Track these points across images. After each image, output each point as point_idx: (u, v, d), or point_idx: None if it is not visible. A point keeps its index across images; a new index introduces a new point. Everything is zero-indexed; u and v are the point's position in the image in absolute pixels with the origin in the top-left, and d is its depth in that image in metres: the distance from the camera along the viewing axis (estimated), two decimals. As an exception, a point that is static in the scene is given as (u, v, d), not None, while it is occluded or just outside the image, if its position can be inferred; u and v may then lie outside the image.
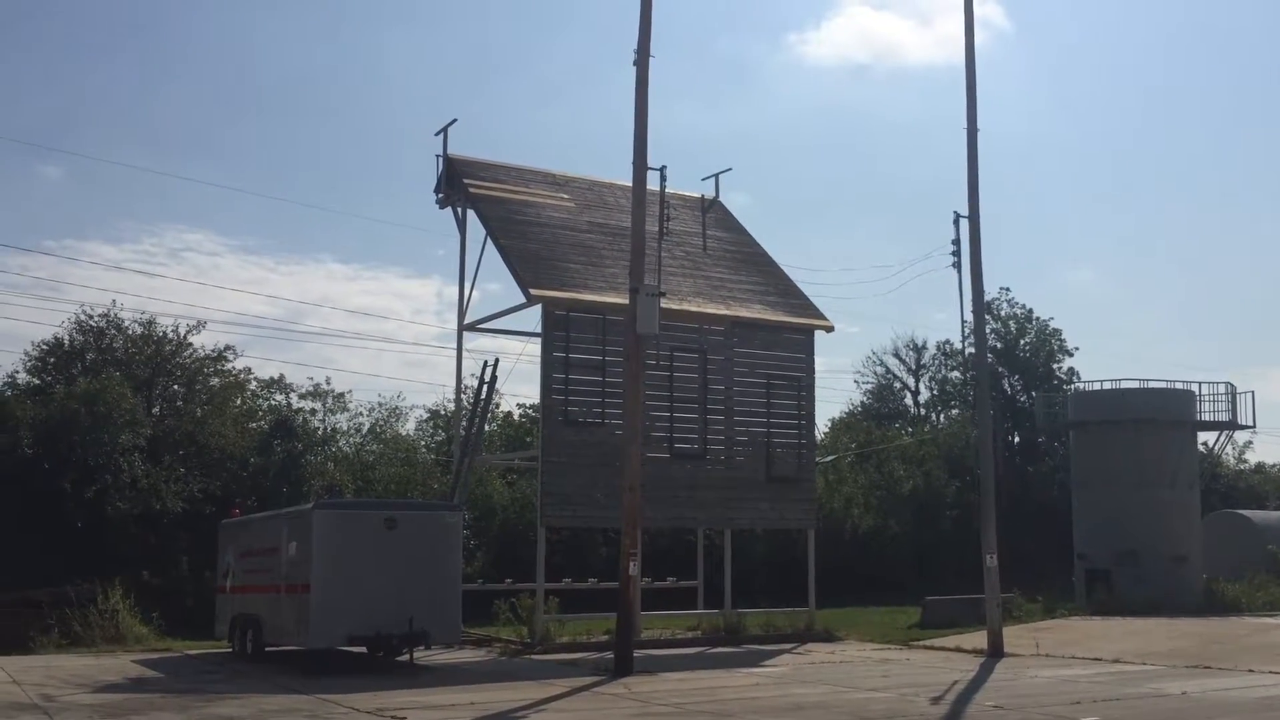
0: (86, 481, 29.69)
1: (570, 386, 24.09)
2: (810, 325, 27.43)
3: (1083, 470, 35.82)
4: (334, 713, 14.76)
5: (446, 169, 27.10)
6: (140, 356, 34.55)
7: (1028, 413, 51.23)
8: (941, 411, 59.70)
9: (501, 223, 25.71)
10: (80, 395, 30.19)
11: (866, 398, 61.02)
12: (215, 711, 14.84)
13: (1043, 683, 17.85)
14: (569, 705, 15.73)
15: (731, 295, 27.02)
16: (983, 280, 23.49)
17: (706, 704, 15.51)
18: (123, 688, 17.49)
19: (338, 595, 19.02)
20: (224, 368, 36.26)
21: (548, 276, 24.51)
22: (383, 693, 16.48)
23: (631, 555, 19.60)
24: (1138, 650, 22.20)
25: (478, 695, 16.37)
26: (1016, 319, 56.08)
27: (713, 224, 29.33)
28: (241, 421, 35.42)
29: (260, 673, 19.39)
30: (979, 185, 23.62)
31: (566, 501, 23.96)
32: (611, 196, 28.38)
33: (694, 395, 25.54)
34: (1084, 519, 35.27)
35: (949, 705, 15.46)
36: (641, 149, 20.65)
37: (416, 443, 42.00)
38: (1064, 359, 55.78)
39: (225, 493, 31.84)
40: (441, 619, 19.86)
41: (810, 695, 16.43)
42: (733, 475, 25.82)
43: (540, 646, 22.88)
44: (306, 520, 19.69)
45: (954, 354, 59.43)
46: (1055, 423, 40.51)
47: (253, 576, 21.89)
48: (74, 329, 34.41)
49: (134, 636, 24.00)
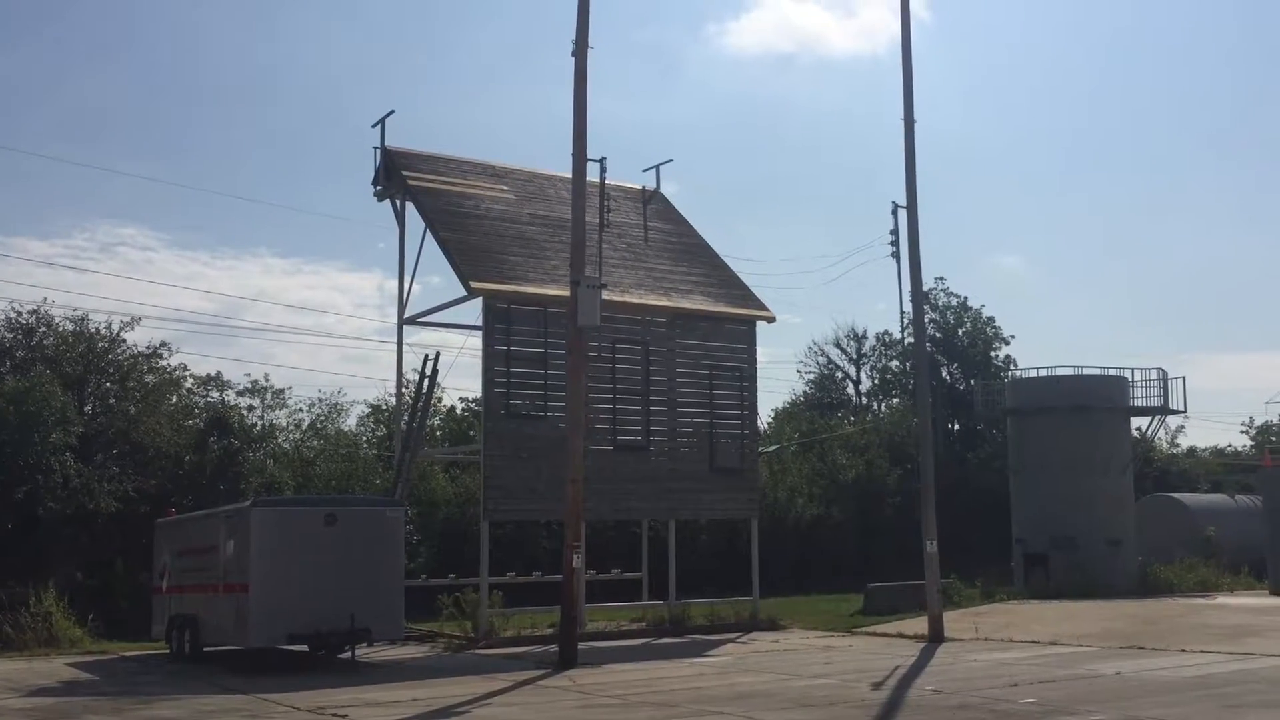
0: (16, 482, 28.96)
1: (512, 379, 23.96)
2: (752, 316, 27.54)
3: (1019, 456, 36.41)
4: (274, 712, 14.58)
5: (384, 161, 26.78)
6: (71, 354, 33.72)
7: (967, 401, 51.89)
8: (883, 400, 60.30)
9: (441, 215, 25.49)
10: (8, 394, 29.42)
11: (809, 388, 61.48)
12: (152, 714, 14.60)
13: (981, 666, 18.12)
14: (513, 699, 15.67)
15: (673, 287, 27.04)
16: (921, 270, 23.80)
17: (651, 695, 15.53)
18: (56, 691, 17.14)
19: (277, 593, 18.78)
20: (158, 365, 35.54)
21: (488, 269, 24.35)
22: (324, 691, 16.31)
23: (575, 548, 19.57)
24: (1073, 632, 22.61)
25: (421, 691, 16.26)
26: (953, 309, 56.73)
27: (653, 215, 29.31)
28: (177, 419, 34.74)
29: (198, 673, 19.10)
30: (916, 177, 23.89)
31: (509, 495, 23.85)
32: (551, 188, 28.25)
33: (637, 387, 25.53)
34: (1021, 505, 35.86)
35: (890, 690, 15.62)
36: (581, 140, 20.58)
37: (358, 438, 41.54)
38: (1001, 347, 56.60)
39: (160, 492, 31.22)
40: (383, 615, 19.69)
41: (754, 684, 16.52)
42: (676, 467, 25.86)
43: (484, 641, 22.78)
44: (244, 518, 19.42)
45: (894, 344, 60.03)
46: (993, 410, 41.11)
47: (190, 576, 21.56)
48: (2, 326, 33.55)
49: (68, 639, 23.52)
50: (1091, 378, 35.69)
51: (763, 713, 13.67)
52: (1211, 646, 19.81)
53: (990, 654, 19.80)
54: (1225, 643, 20.33)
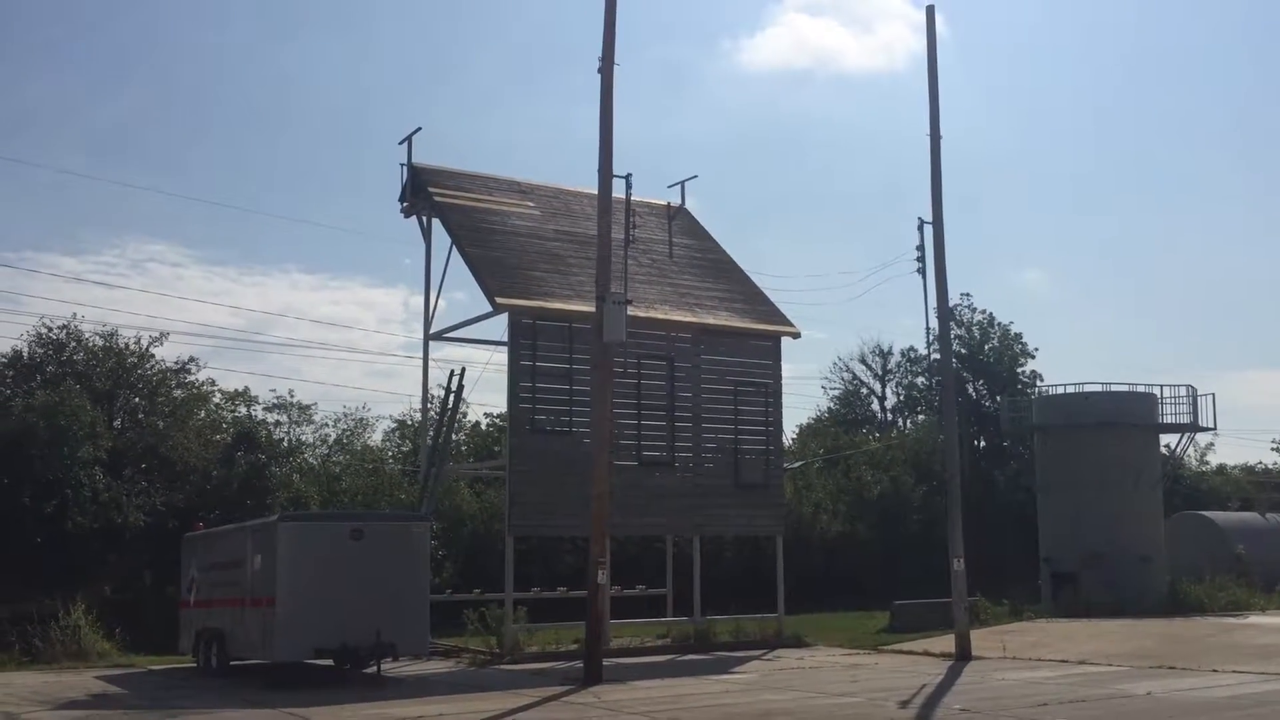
0: (46, 496, 29.23)
1: (537, 395, 24.01)
2: (777, 332, 27.50)
3: (1047, 474, 36.13)
4: (300, 727, 14.61)
5: (411, 178, 26.96)
6: (101, 369, 34.07)
7: (993, 417, 51.58)
8: (908, 416, 60.09)
9: (467, 231, 25.61)
10: (39, 408, 29.72)
11: (834, 404, 61.34)
12: (179, 727, 14.65)
13: (1010, 685, 17.95)
14: (539, 715, 15.65)
15: (698, 302, 27.05)
16: (947, 286, 23.70)
17: (677, 712, 15.48)
18: (85, 704, 17.25)
19: (304, 608, 18.83)
20: (187, 380, 35.86)
21: (514, 285, 24.43)
22: (350, 705, 16.34)
23: (600, 564, 19.55)
24: (1103, 651, 22.38)
25: (446, 706, 16.26)
26: (979, 324, 56.47)
27: (678, 231, 29.35)
28: (205, 434, 35.01)
29: (225, 687, 19.17)
30: (943, 192, 23.79)
31: (534, 510, 23.87)
32: (577, 204, 28.35)
33: (662, 403, 25.53)
34: (1049, 522, 35.57)
35: (917, 709, 15.50)
36: (607, 156, 20.64)
37: (383, 453, 41.73)
38: (1027, 362, 56.28)
39: (188, 506, 31.43)
40: (409, 630, 19.70)
41: (779, 701, 16.43)
42: (701, 482, 25.81)
43: (509, 656, 22.76)
44: (272, 532, 19.49)
45: (919, 360, 59.83)
46: (1020, 427, 40.84)
47: (217, 590, 21.65)
48: (33, 341, 33.91)
49: (96, 652, 23.66)
50: (1120, 394, 35.43)
51: (790, 731, 13.60)
52: (1243, 666, 19.57)
53: (1019, 673, 19.62)
54: (1257, 662, 20.08)
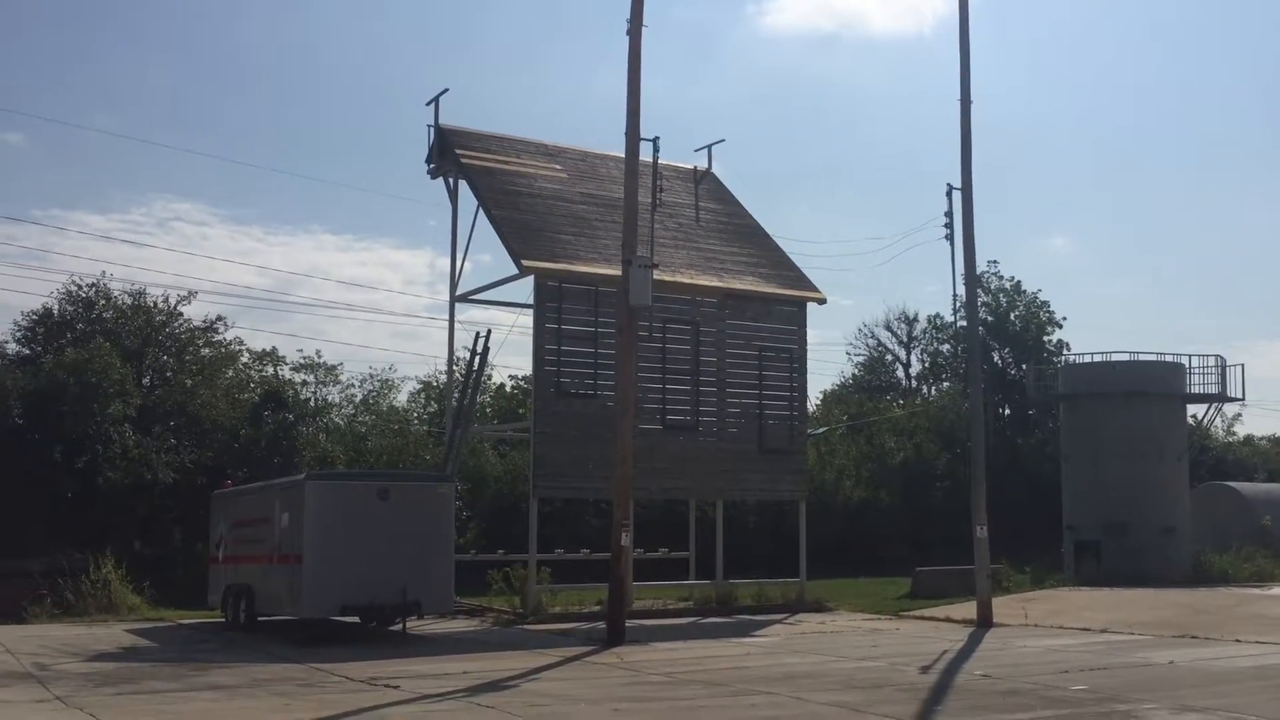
0: (77, 452, 29.62)
1: (562, 358, 24.09)
2: (803, 297, 27.43)
3: (1072, 443, 35.99)
4: (327, 681, 14.82)
5: (438, 139, 26.96)
6: (130, 327, 34.36)
7: (1018, 385, 51.35)
8: (933, 384, 59.85)
9: (493, 193, 25.61)
10: (69, 365, 30.05)
11: (858, 370, 61.22)
12: (208, 680, 14.89)
13: (1031, 652, 17.99)
14: (562, 674, 15.81)
15: (724, 267, 26.99)
16: (975, 253, 23.55)
17: (698, 673, 15.60)
18: (116, 656, 17.55)
19: (331, 565, 19.07)
20: (214, 339, 36.14)
21: (540, 247, 24.44)
22: (376, 661, 16.56)
23: (624, 526, 19.66)
24: (1125, 620, 22.38)
25: (471, 664, 16.45)
26: (1006, 292, 56.04)
27: (705, 196, 29.26)
28: (232, 393, 35.30)
29: (253, 642, 19.46)
30: (972, 158, 23.59)
31: (558, 473, 24.01)
32: (604, 167, 28.28)
33: (686, 367, 25.56)
34: (1073, 491, 35.47)
35: (938, 674, 15.56)
36: (635, 119, 20.54)
37: (408, 414, 41.99)
38: (1054, 331, 55.90)
39: (216, 464, 31.78)
40: (434, 589, 19.94)
41: (801, 665, 16.54)
42: (725, 447, 25.88)
43: (533, 617, 22.99)
44: (299, 491, 19.71)
45: (945, 327, 59.52)
46: (1045, 395, 40.66)
47: (245, 547, 21.94)
48: (63, 299, 34.21)
49: (126, 606, 24.06)
50: (1147, 364, 35.18)
51: (810, 693, 13.69)
52: (1267, 637, 19.52)
53: (1040, 640, 19.66)
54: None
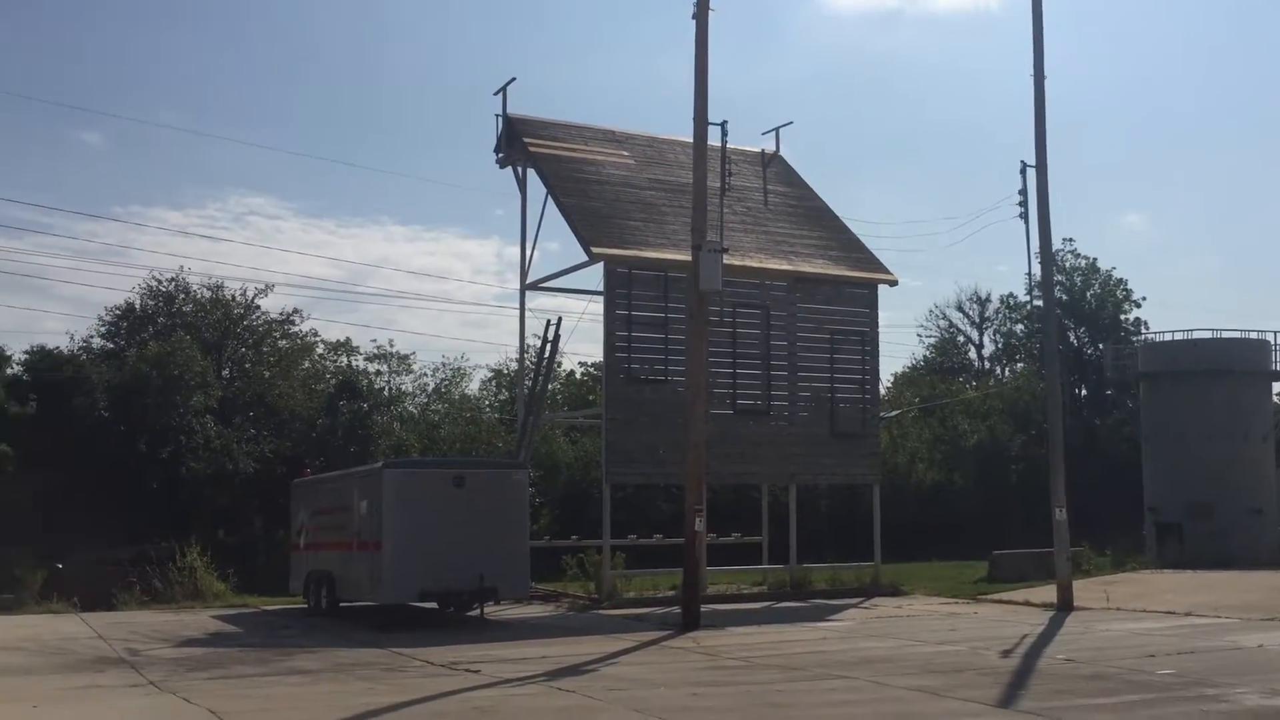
0: (161, 443, 30.41)
1: (633, 344, 24.12)
2: (873, 279, 27.17)
3: (1153, 423, 35.27)
4: (409, 666, 15.05)
5: (506, 128, 27.07)
6: (209, 320, 35.18)
7: (1094, 365, 50.45)
8: (1006, 365, 59.01)
9: (562, 181, 25.69)
10: (151, 358, 30.84)
11: (929, 352, 60.52)
12: (293, 665, 15.21)
13: (1114, 636, 17.69)
14: (639, 659, 15.88)
15: (794, 250, 26.82)
16: (1050, 230, 23.12)
17: (774, 658, 15.58)
18: (204, 642, 17.99)
19: (409, 552, 19.33)
20: (290, 330, 36.83)
21: (609, 234, 24.48)
22: (455, 646, 16.76)
23: (697, 511, 19.67)
24: (1211, 603, 21.89)
25: (549, 649, 16.59)
26: (1081, 270, 55.09)
27: (773, 179, 29.07)
28: (309, 383, 36.00)
29: (335, 628, 19.82)
30: (1046, 133, 23.15)
31: (630, 459, 24.08)
32: (671, 153, 28.22)
33: (757, 351, 25.47)
34: (1154, 472, 34.78)
35: (1020, 658, 15.36)
36: (702, 103, 20.46)
37: (480, 402, 42.41)
38: (1131, 309, 54.82)
39: (295, 453, 32.44)
40: (510, 575, 20.13)
41: (878, 649, 16.44)
42: (797, 431, 25.75)
43: (607, 601, 23.10)
44: (377, 479, 20.00)
45: (1018, 307, 58.64)
46: (1124, 374, 39.87)
47: (325, 534, 22.33)
48: (144, 294, 35.12)
49: (212, 593, 24.62)
50: (1231, 341, 34.34)
51: (890, 678, 13.60)
52: (1361, 620, 19.00)
53: (1123, 624, 19.32)
54: (1376, 617, 19.46)
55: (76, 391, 30.61)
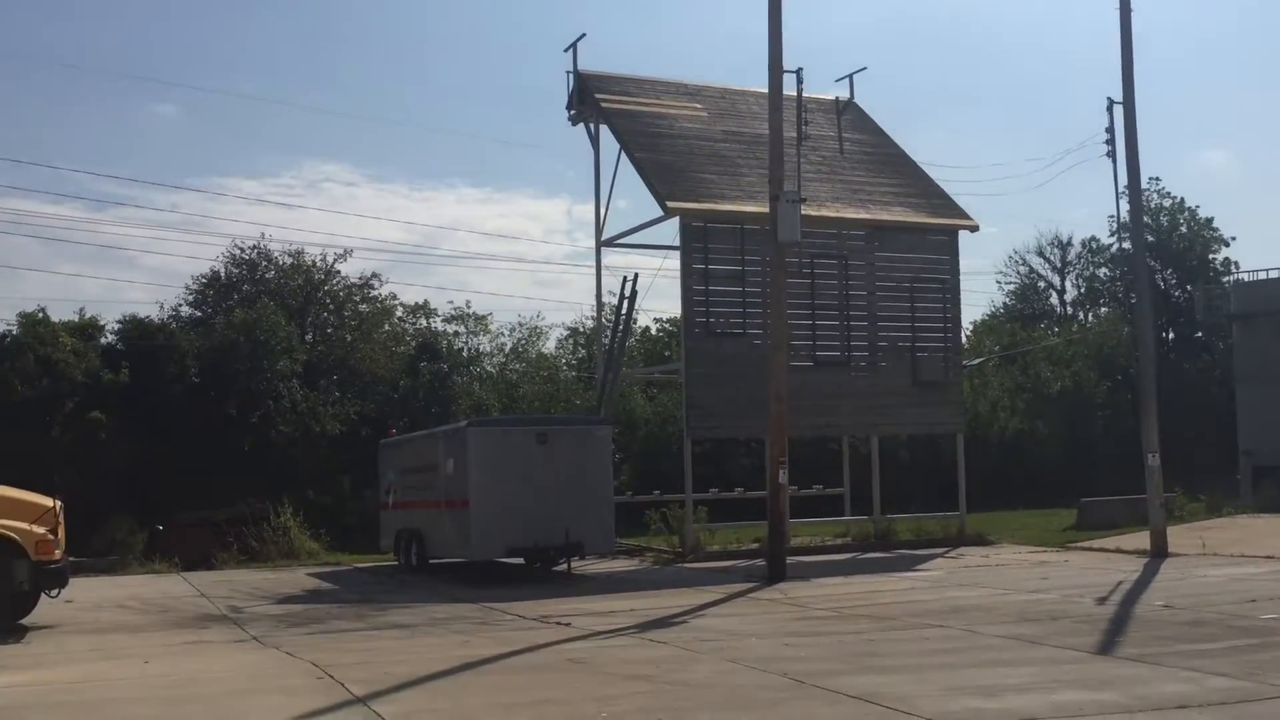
0: (250, 407, 31.12)
1: (710, 298, 24.03)
2: (953, 226, 26.69)
3: (1248, 364, 34.35)
4: (501, 619, 15.29)
5: (577, 85, 26.99)
6: (291, 286, 35.81)
7: (1183, 308, 49.18)
8: (1089, 310, 57.78)
9: (635, 136, 25.56)
10: (239, 325, 31.49)
11: (1009, 299, 59.49)
12: (389, 619, 15.54)
13: (1213, 581, 17.34)
14: (728, 610, 15.95)
15: (871, 198, 26.44)
16: (1139, 166, 22.49)
17: (864, 608, 15.54)
18: (302, 599, 18.46)
19: (495, 509, 19.59)
20: (370, 294, 37.34)
21: (684, 188, 24.34)
22: (545, 601, 16.99)
23: (780, 463, 19.61)
24: (1312, 548, 21.36)
25: (637, 602, 16.73)
26: (1167, 210, 53.61)
27: (848, 126, 28.59)
28: (389, 346, 36.52)
29: (426, 583, 20.22)
30: (1134, 68, 22.45)
31: (710, 413, 24.08)
32: (744, 104, 27.91)
33: (835, 302, 25.22)
34: (1249, 414, 33.93)
35: (1116, 606, 15.13)
36: (777, 50, 20.13)
37: (557, 361, 42.69)
38: (1219, 249, 53.25)
39: (378, 415, 32.99)
40: (596, 530, 20.31)
41: (969, 598, 16.31)
42: (877, 381, 25.51)
43: (691, 555, 23.22)
44: (462, 438, 20.26)
45: (1101, 250, 57.32)
46: (1217, 315, 38.78)
47: (413, 493, 22.71)
48: (228, 262, 35.81)
49: (306, 551, 25.27)
50: (1329, 276, 33.21)
51: (984, 625, 13.49)
52: None
53: (1222, 569, 18.92)
54: None
55: (168, 359, 31.41)
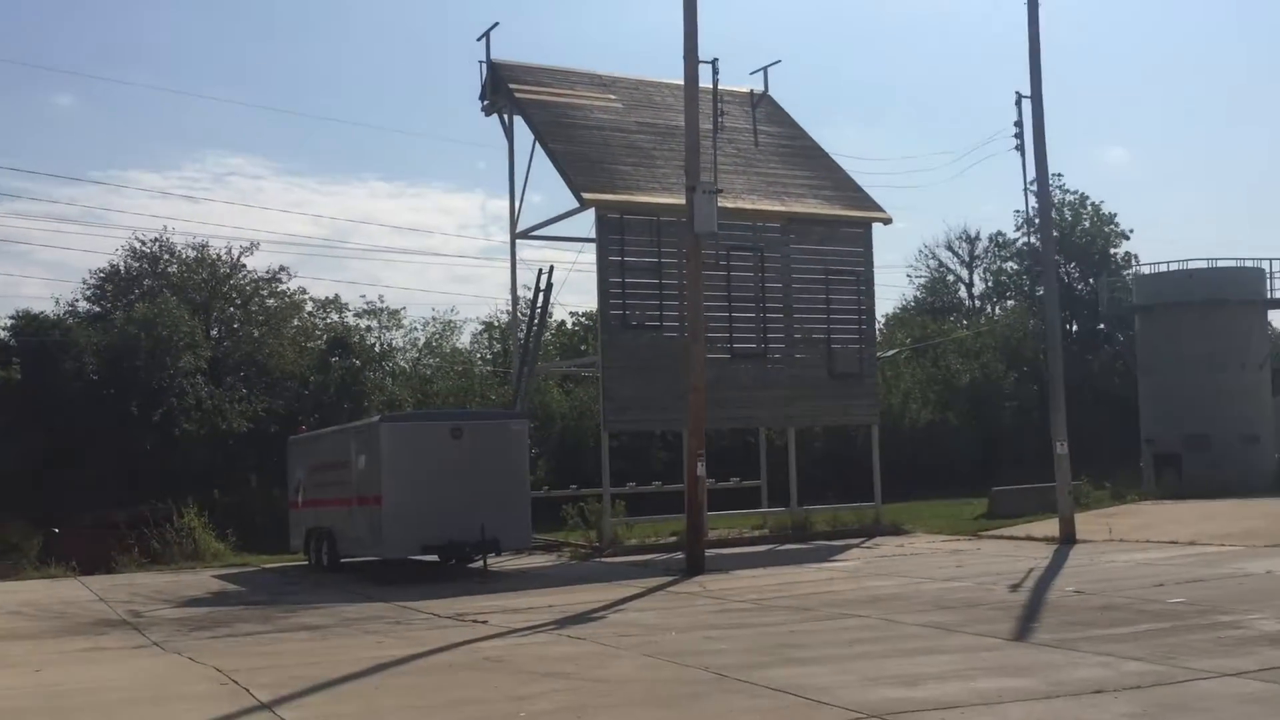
0: (152, 404, 30.12)
1: (627, 291, 23.85)
2: (868, 218, 26.87)
3: (1149, 354, 35.22)
4: (415, 619, 14.92)
5: (490, 75, 26.57)
6: (195, 280, 34.75)
7: (1086, 301, 50.35)
8: (996, 303, 58.91)
9: (549, 127, 25.25)
10: (139, 320, 30.45)
11: (919, 292, 60.39)
12: (300, 621, 15.06)
13: (1121, 567, 17.67)
14: (647, 604, 15.78)
15: (786, 191, 26.48)
16: (1047, 162, 22.88)
17: (784, 599, 15.50)
18: (206, 602, 17.84)
19: (409, 506, 19.17)
20: (278, 289, 36.43)
21: (600, 180, 24.10)
22: (460, 598, 16.65)
23: (699, 456, 19.52)
24: (1214, 532, 21.93)
25: (555, 598, 16.49)
26: (1071, 205, 54.82)
27: (763, 119, 28.61)
28: (299, 341, 35.67)
29: (338, 583, 19.70)
30: (1042, 65, 22.81)
31: (627, 406, 23.90)
32: (659, 95, 27.75)
33: (752, 294, 25.21)
34: (1151, 404, 34.79)
35: (1029, 592, 15.31)
36: (693, 40, 20.00)
37: (472, 355, 42.16)
38: (1120, 244, 54.62)
39: (288, 411, 32.20)
40: (512, 525, 19.99)
41: (887, 587, 16.38)
42: (794, 374, 25.58)
43: (609, 550, 23.03)
44: (374, 433, 19.79)
45: (1007, 244, 58.46)
46: (1120, 307, 39.75)
47: (324, 490, 22.15)
48: (128, 255, 34.64)
49: (211, 553, 24.48)
50: (1226, 270, 34.20)
51: (902, 615, 13.52)
52: (1365, 544, 19.02)
53: (1128, 554, 19.31)
54: (1379, 540, 19.49)
55: (64, 355, 30.24)
